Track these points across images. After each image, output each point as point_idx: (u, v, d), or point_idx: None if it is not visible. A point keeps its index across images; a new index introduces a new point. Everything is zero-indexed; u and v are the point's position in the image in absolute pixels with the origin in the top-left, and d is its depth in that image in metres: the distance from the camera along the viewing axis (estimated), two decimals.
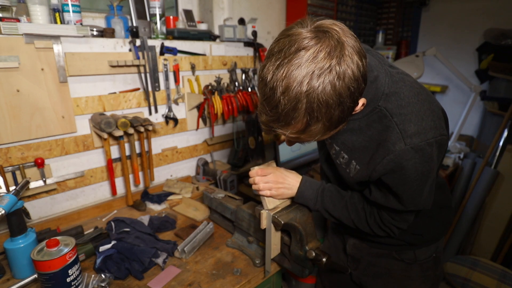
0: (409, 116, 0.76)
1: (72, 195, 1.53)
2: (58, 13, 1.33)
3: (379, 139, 0.80)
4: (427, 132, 0.75)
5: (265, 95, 0.67)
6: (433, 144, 0.76)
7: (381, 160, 0.78)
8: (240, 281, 1.10)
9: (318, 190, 1.01)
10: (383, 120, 0.79)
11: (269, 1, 2.23)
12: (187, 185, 1.77)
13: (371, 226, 0.94)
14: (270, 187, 1.01)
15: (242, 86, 2.05)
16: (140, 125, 1.52)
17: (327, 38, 0.62)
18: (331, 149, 0.96)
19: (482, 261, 1.88)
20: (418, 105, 0.78)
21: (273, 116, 0.68)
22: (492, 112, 2.66)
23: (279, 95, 0.64)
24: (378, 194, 0.87)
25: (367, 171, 0.84)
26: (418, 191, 0.81)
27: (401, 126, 0.76)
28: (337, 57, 0.62)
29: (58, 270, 0.95)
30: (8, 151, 1.29)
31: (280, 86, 0.63)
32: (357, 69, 0.64)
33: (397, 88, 0.80)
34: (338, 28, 0.64)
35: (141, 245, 1.19)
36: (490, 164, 2.53)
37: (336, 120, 0.67)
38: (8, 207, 1.03)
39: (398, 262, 1.03)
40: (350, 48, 0.63)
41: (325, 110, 0.64)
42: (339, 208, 0.98)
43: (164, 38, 1.69)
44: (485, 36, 2.63)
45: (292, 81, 0.62)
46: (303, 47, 0.62)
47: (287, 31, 0.66)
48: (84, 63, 1.41)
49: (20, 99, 1.27)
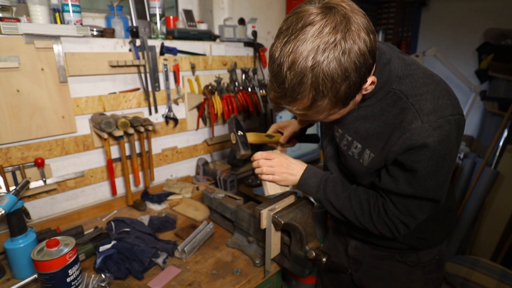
0: (424, 95, 0.75)
1: (72, 195, 1.53)
2: (58, 13, 1.33)
3: (394, 122, 0.78)
4: (444, 110, 0.74)
5: (273, 71, 0.69)
6: (452, 122, 0.74)
7: (397, 140, 0.77)
8: (240, 281, 1.10)
9: (322, 178, 0.99)
10: (398, 102, 0.78)
11: (269, 1, 2.23)
12: (187, 185, 1.77)
13: (374, 220, 0.89)
14: (273, 171, 1.01)
15: (242, 86, 2.05)
16: (140, 125, 1.52)
17: (333, 13, 0.63)
18: (342, 141, 0.93)
19: (482, 261, 1.88)
20: (433, 85, 0.77)
21: (281, 92, 0.69)
22: (492, 112, 2.66)
23: (286, 71, 0.65)
24: (388, 180, 0.84)
25: (382, 156, 0.82)
26: (432, 173, 0.77)
27: (417, 105, 0.75)
28: (342, 32, 0.62)
29: (58, 270, 0.95)
30: (8, 151, 1.29)
31: (287, 62, 0.65)
32: (363, 45, 0.64)
33: (411, 70, 0.80)
34: (346, 5, 0.65)
35: (141, 245, 1.19)
36: (490, 164, 2.53)
37: (343, 95, 0.67)
38: (8, 207, 1.03)
39: (401, 264, 1.01)
40: (356, 24, 0.64)
41: (330, 84, 0.64)
42: (341, 199, 0.94)
43: (164, 38, 1.69)
44: (485, 36, 2.64)
45: (298, 56, 0.63)
46: (309, 23, 0.63)
47: (296, 9, 0.68)
48: (84, 63, 1.41)
49: (20, 99, 1.27)
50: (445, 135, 0.73)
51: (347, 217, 0.95)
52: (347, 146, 0.92)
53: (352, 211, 0.93)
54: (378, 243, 1.01)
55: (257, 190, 1.89)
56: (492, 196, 2.46)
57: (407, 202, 0.84)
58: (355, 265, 1.11)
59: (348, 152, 0.92)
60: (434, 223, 0.97)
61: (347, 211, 0.94)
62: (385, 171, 0.86)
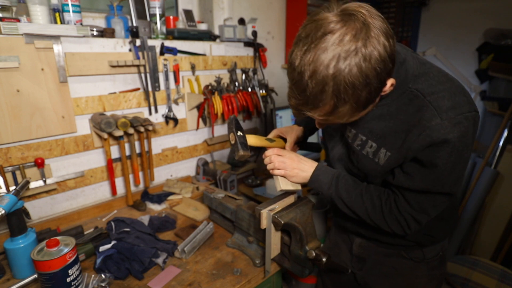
0: (441, 93, 0.77)
1: (72, 195, 1.53)
2: (58, 13, 1.33)
3: (411, 120, 0.79)
4: (462, 106, 0.75)
5: (293, 79, 0.70)
6: (470, 118, 0.75)
7: (416, 137, 0.77)
8: (240, 281, 1.10)
9: (334, 175, 0.99)
10: (415, 101, 0.79)
11: (269, 1, 2.23)
12: (187, 185, 1.77)
13: (386, 216, 0.89)
14: (285, 167, 1.01)
15: (242, 86, 2.05)
16: (140, 125, 1.52)
17: (353, 20, 0.64)
18: (355, 140, 0.93)
19: (482, 261, 1.88)
20: (449, 83, 0.79)
21: (302, 100, 0.70)
22: (492, 112, 2.65)
23: (307, 79, 0.66)
24: (403, 177, 0.84)
25: (400, 154, 0.82)
26: (451, 168, 0.78)
27: (434, 103, 0.76)
28: (363, 39, 0.63)
29: (58, 270, 0.95)
30: (8, 151, 1.29)
31: (308, 70, 0.65)
32: (383, 50, 0.65)
33: (426, 69, 0.81)
34: (364, 10, 0.66)
35: (141, 245, 1.19)
36: (490, 164, 2.53)
37: (364, 100, 0.69)
38: (8, 207, 1.04)
39: (406, 261, 1.02)
40: (376, 29, 0.64)
41: (352, 91, 0.65)
42: (353, 196, 0.94)
43: (164, 38, 1.69)
44: (485, 36, 2.63)
45: (319, 65, 0.64)
46: (329, 31, 0.64)
47: (313, 16, 0.68)
48: (84, 63, 1.41)
49: (20, 99, 1.27)
50: (464, 131, 0.75)
51: (358, 214, 0.95)
52: (361, 145, 0.92)
53: (364, 207, 0.93)
54: (385, 241, 1.02)
55: (257, 190, 1.89)
56: (492, 196, 2.46)
57: (420, 198, 0.84)
58: (359, 263, 1.11)
59: (362, 152, 0.92)
60: (439, 220, 0.98)
61: (358, 207, 0.94)
62: (399, 168, 0.86)
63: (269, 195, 1.81)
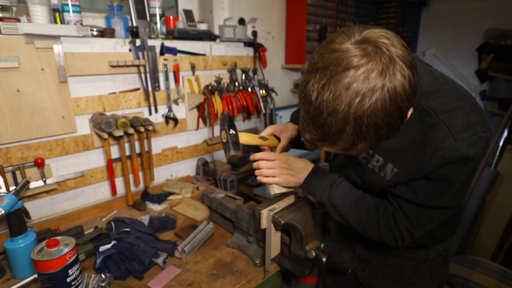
0: (455, 112, 0.74)
1: (72, 195, 1.53)
2: (58, 13, 1.33)
3: (421, 138, 0.77)
4: (475, 126, 0.73)
5: (309, 113, 0.64)
6: (484, 139, 0.73)
7: (428, 158, 0.76)
8: (240, 281, 1.10)
9: (329, 181, 0.96)
10: (426, 118, 0.76)
11: (269, 1, 2.23)
12: (187, 185, 1.77)
13: (381, 229, 0.88)
14: (273, 173, 0.98)
15: (242, 86, 2.05)
16: (140, 125, 1.52)
17: (378, 55, 0.59)
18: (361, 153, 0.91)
19: (482, 261, 1.88)
20: (463, 100, 0.76)
21: (318, 136, 0.66)
22: (492, 112, 2.65)
23: (326, 116, 0.61)
24: (405, 189, 0.83)
25: (409, 171, 0.81)
26: (458, 185, 0.77)
27: (448, 123, 0.73)
28: (389, 76, 0.58)
29: (58, 270, 0.95)
30: (8, 151, 1.29)
31: (328, 108, 0.60)
32: (408, 85, 0.60)
33: (439, 85, 0.78)
34: (386, 40, 0.61)
35: (141, 245, 1.19)
36: (490, 164, 2.53)
37: (384, 137, 0.65)
38: (8, 207, 1.03)
39: (410, 261, 1.02)
40: (401, 62, 0.60)
41: (374, 130, 0.61)
42: (347, 204, 0.92)
43: (164, 38, 1.69)
44: (485, 36, 2.63)
45: (340, 103, 0.59)
46: (352, 66, 0.58)
47: (331, 44, 0.63)
48: (84, 63, 1.41)
49: (20, 99, 1.27)
50: (478, 152, 0.73)
51: (351, 224, 0.93)
52: (367, 159, 0.90)
53: (358, 218, 0.91)
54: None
55: (257, 190, 1.89)
56: (492, 196, 2.46)
57: (419, 212, 0.83)
58: (362, 264, 1.10)
59: (368, 165, 0.90)
60: (443, 222, 0.96)
61: (352, 217, 0.92)
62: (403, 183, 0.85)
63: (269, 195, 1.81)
